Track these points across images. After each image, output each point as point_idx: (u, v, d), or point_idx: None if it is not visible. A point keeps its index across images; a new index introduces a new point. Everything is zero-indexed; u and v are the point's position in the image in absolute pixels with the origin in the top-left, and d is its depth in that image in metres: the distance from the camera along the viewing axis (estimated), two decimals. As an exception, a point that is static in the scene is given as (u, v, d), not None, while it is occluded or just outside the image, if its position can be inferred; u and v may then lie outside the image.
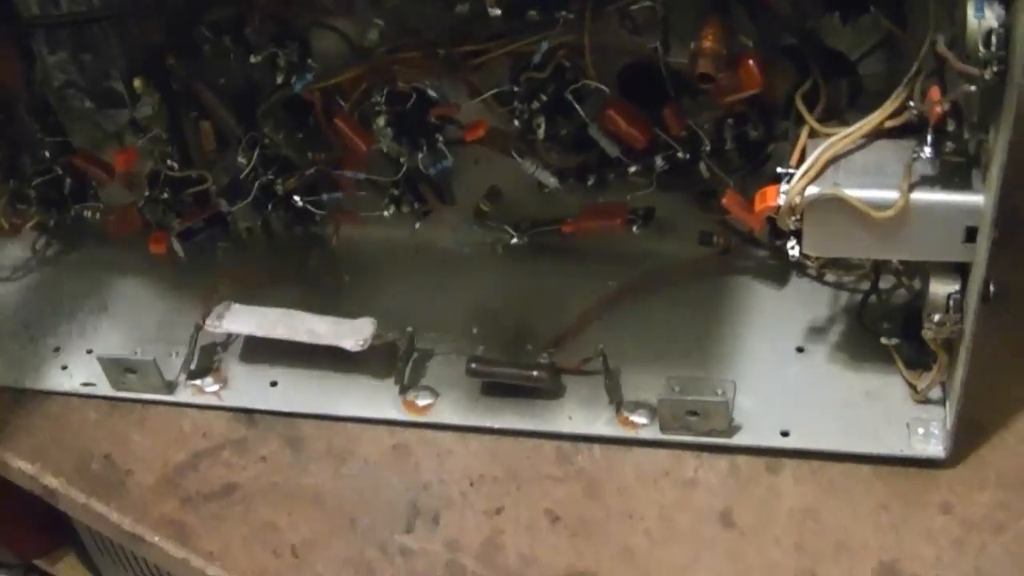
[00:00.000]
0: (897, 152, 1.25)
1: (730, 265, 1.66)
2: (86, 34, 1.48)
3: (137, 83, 1.52)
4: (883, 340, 1.46)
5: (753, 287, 1.64)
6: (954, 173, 1.23)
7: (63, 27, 1.47)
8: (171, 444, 1.57)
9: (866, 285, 1.57)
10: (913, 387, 1.45)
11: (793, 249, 1.43)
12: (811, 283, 1.63)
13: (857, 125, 1.27)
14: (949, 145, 1.21)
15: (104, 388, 1.64)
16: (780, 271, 1.64)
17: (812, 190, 1.24)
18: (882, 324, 1.48)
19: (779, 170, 1.29)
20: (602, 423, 1.49)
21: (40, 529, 2.16)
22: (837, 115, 1.34)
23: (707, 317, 1.60)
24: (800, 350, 1.54)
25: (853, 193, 1.23)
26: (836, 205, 1.24)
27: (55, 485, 1.55)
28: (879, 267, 1.51)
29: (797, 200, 1.25)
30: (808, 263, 1.56)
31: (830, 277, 1.62)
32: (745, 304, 1.62)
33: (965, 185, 1.22)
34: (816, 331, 1.56)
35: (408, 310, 1.62)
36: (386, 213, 1.67)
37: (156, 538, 1.47)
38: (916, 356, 1.45)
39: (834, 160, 1.26)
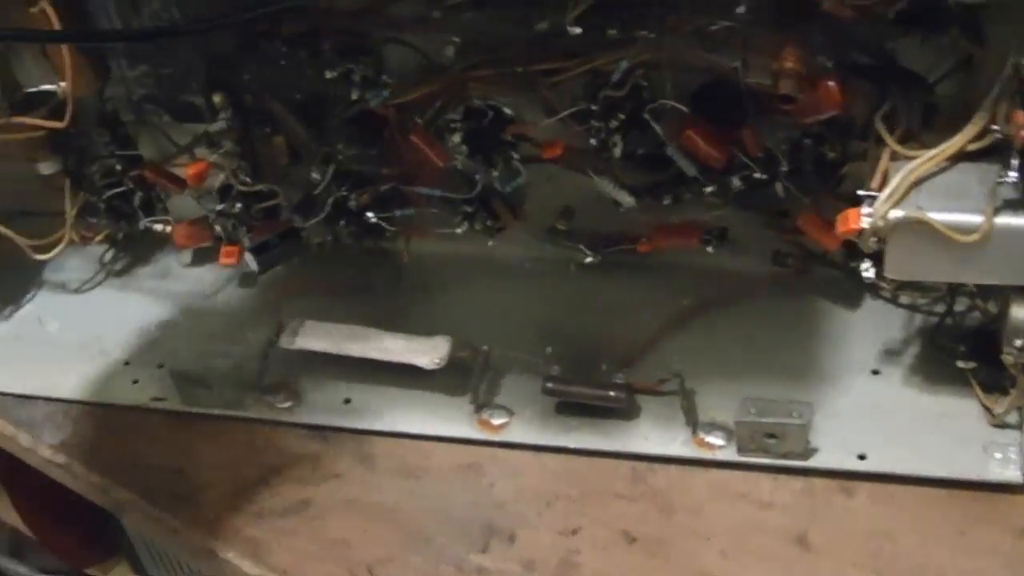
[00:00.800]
0: (980, 175, 1.28)
1: (804, 285, 1.68)
2: (166, 48, 1.51)
3: (217, 98, 1.56)
4: (959, 363, 1.48)
5: (827, 308, 1.66)
6: (1038, 197, 1.25)
7: (144, 40, 1.51)
8: (243, 459, 1.60)
9: (941, 307, 1.60)
10: (989, 410, 1.46)
11: (868, 271, 1.46)
12: (885, 305, 1.65)
13: (940, 148, 1.29)
14: (1037, 169, 1.23)
15: (175, 402, 1.67)
16: (854, 292, 1.66)
17: (896, 213, 1.27)
18: (958, 347, 1.50)
19: (860, 192, 1.32)
20: (678, 444, 1.51)
21: (92, 538, 2.20)
22: (913, 137, 1.36)
23: (782, 338, 1.63)
24: (875, 372, 1.56)
25: (937, 217, 1.25)
26: (919, 228, 1.26)
27: (126, 499, 1.58)
28: (955, 289, 1.54)
29: (881, 224, 1.27)
30: (883, 284, 1.57)
31: (904, 299, 1.64)
32: (820, 325, 1.64)
33: (1052, 211, 1.25)
34: (891, 353, 1.58)
35: (480, 328, 1.65)
36: (459, 230, 1.71)
37: (230, 554, 1.50)
38: (992, 379, 1.47)
39: (917, 183, 1.29)
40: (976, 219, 1.25)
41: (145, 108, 1.60)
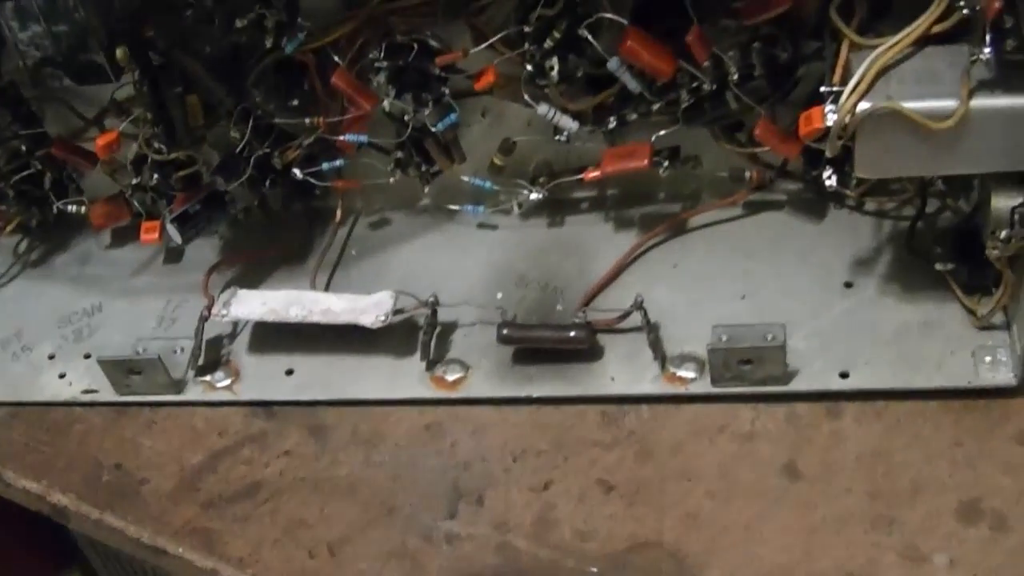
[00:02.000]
0: (950, 58, 1.20)
1: (764, 202, 1.61)
2: (59, 3, 1.40)
3: (119, 53, 1.44)
4: (937, 266, 1.41)
5: (790, 223, 1.59)
6: (1016, 74, 1.16)
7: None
8: (185, 446, 1.52)
9: (909, 211, 1.53)
10: (973, 313, 1.40)
11: (830, 179, 1.40)
12: (851, 214, 1.58)
13: (903, 32, 1.21)
14: (1010, 43, 1.15)
15: (107, 394, 1.58)
16: (817, 204, 1.60)
17: (864, 106, 1.18)
18: (934, 249, 1.43)
19: (823, 89, 1.24)
20: (648, 382, 1.44)
21: (43, 550, 2.11)
22: (870, 28, 1.27)
23: (746, 259, 1.56)
24: (848, 285, 1.49)
25: (909, 105, 1.17)
26: (890, 120, 1.18)
27: (64, 502, 1.50)
28: (925, 189, 1.46)
29: (847, 119, 1.19)
30: (847, 192, 1.51)
31: (870, 206, 1.57)
32: (784, 241, 1.57)
33: (1030, 89, 1.17)
34: (862, 263, 1.51)
35: (425, 281, 1.56)
36: (392, 179, 1.62)
37: (180, 549, 1.42)
38: (973, 280, 1.41)
39: (883, 72, 1.20)
40: (950, 104, 1.17)
41: (43, 74, 1.48)
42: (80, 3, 1.39)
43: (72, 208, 1.73)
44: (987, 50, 1.15)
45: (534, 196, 1.60)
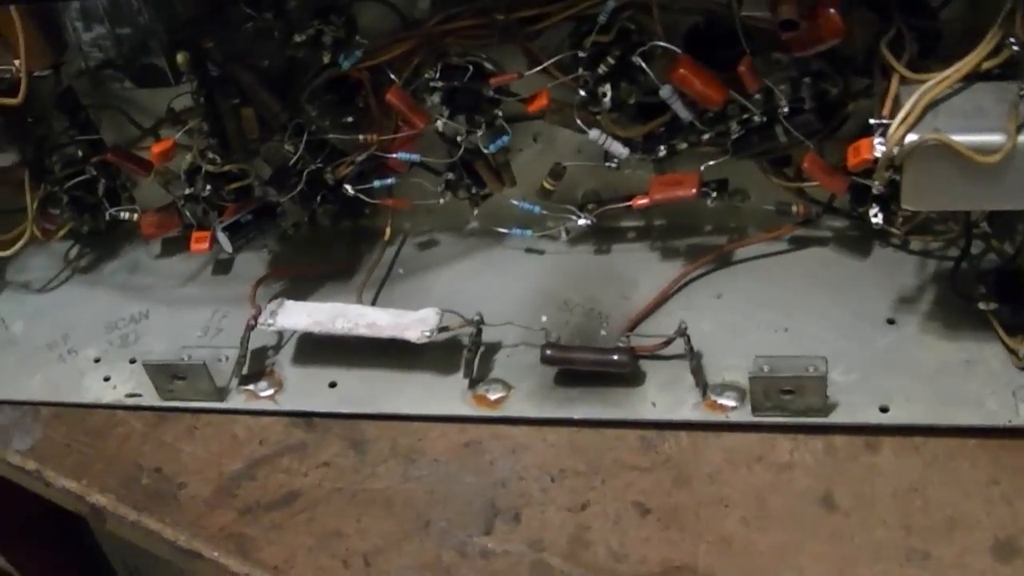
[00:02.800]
0: (998, 94, 1.22)
1: (810, 236, 1.63)
2: (124, 5, 1.43)
3: (180, 58, 1.47)
4: (980, 305, 1.43)
5: (835, 258, 1.61)
6: (1064, 111, 1.19)
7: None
8: (225, 453, 1.54)
9: (953, 251, 1.55)
10: (1014, 353, 1.41)
11: (876, 216, 1.42)
12: (895, 252, 1.60)
13: (953, 68, 1.24)
14: (1059, 80, 1.17)
15: (150, 398, 1.60)
16: (862, 241, 1.61)
17: (911, 137, 1.21)
18: (977, 289, 1.45)
19: (872, 121, 1.26)
20: (688, 408, 1.45)
21: (66, 563, 2.13)
22: (919, 66, 1.30)
23: (790, 291, 1.57)
24: (891, 321, 1.51)
25: (957, 137, 1.19)
26: (938, 153, 1.20)
27: (103, 503, 1.51)
28: (970, 229, 1.48)
29: (896, 150, 1.21)
30: (893, 230, 1.52)
31: (915, 245, 1.59)
32: (829, 276, 1.58)
33: (1078, 124, 1.19)
34: (905, 301, 1.53)
35: (470, 302, 1.57)
36: (442, 200, 1.65)
37: (215, 553, 1.43)
38: (1015, 320, 1.42)
39: (932, 106, 1.23)
40: (998, 138, 1.19)
41: (103, 75, 1.51)
42: (144, 6, 1.41)
43: (124, 215, 1.76)
44: (1033, 86, 1.17)
45: (582, 222, 1.62)
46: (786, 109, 1.45)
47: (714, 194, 1.56)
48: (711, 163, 1.52)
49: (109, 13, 1.41)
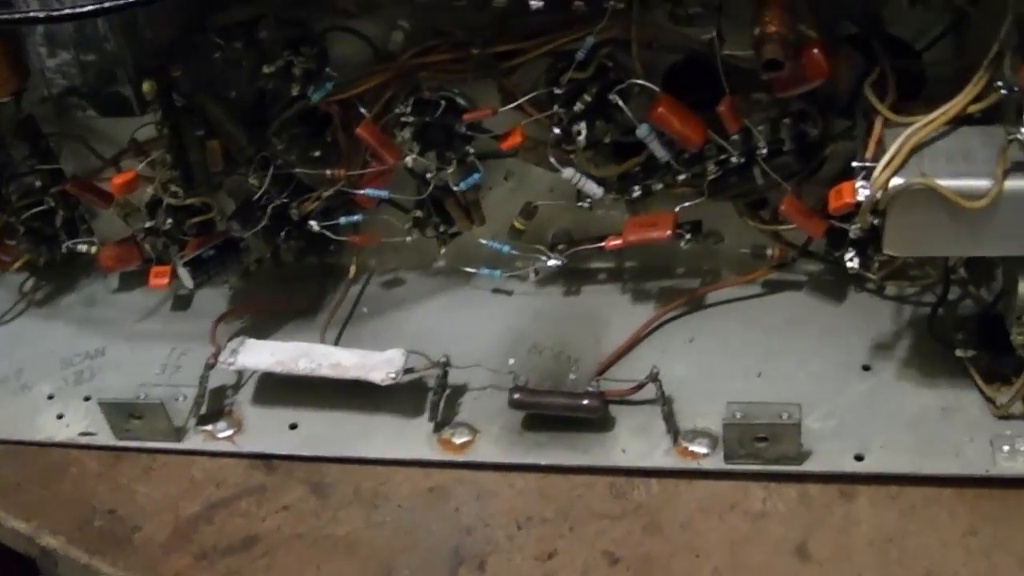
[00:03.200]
0: (984, 138, 1.21)
1: (784, 280, 1.62)
2: (90, 32, 1.40)
3: (146, 87, 1.44)
4: (958, 352, 1.42)
5: (810, 303, 1.60)
6: (1051, 157, 1.17)
7: (65, 22, 1.38)
8: (182, 495, 1.50)
9: (929, 297, 1.55)
10: (992, 401, 1.40)
11: (852, 261, 1.40)
12: (871, 297, 1.59)
13: (939, 111, 1.22)
14: (1047, 124, 1.15)
15: (105, 437, 1.56)
16: (837, 285, 1.60)
17: (896, 181, 1.19)
18: (955, 335, 1.44)
19: (855, 163, 1.25)
20: (659, 454, 1.43)
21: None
22: (902, 109, 1.28)
23: (763, 337, 1.56)
24: (866, 368, 1.49)
25: (943, 182, 1.17)
26: (922, 198, 1.19)
27: (54, 545, 1.47)
28: (948, 275, 1.47)
29: (879, 194, 1.20)
30: (868, 275, 1.49)
31: (891, 290, 1.58)
32: (803, 321, 1.57)
33: (1065, 170, 1.17)
34: (881, 347, 1.51)
35: (436, 343, 1.55)
36: (409, 238, 1.62)
37: (170, 598, 1.40)
38: (993, 368, 1.41)
39: (917, 149, 1.21)
40: (984, 183, 1.18)
41: (67, 103, 1.47)
42: (111, 33, 1.38)
43: (82, 248, 1.72)
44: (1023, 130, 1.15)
45: (552, 263, 1.60)
46: (765, 150, 1.43)
47: (688, 236, 1.54)
48: (686, 204, 1.50)
49: (75, 39, 1.37)
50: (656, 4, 1.36)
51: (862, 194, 1.21)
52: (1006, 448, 1.36)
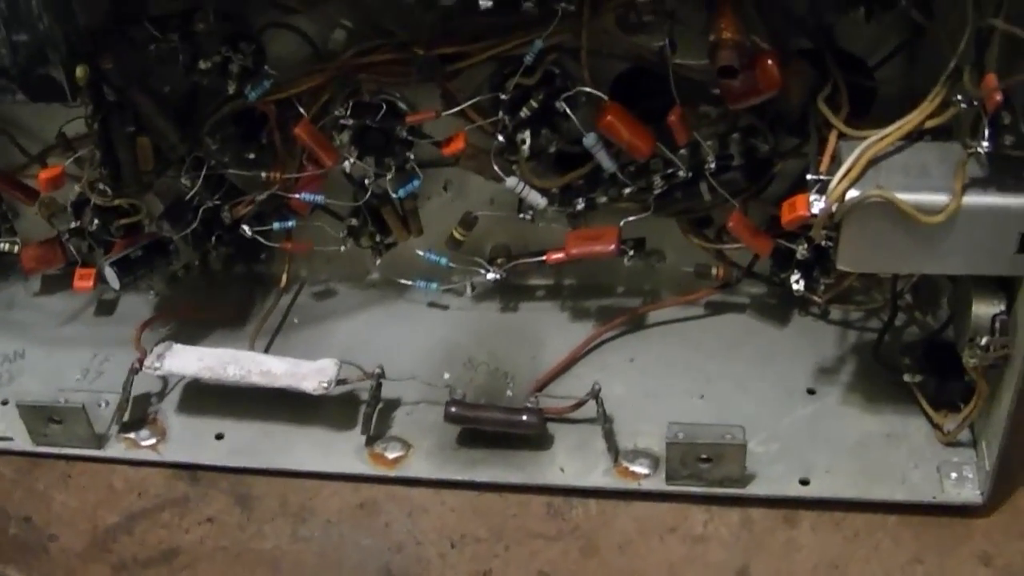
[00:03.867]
0: (941, 153, 1.19)
1: (727, 302, 1.60)
2: (22, 10, 1.35)
3: (79, 71, 1.37)
4: (905, 377, 1.41)
5: (753, 325, 1.58)
6: (1008, 173, 1.15)
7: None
8: (101, 504, 1.46)
9: (874, 322, 1.54)
10: (939, 428, 1.39)
11: (798, 283, 1.39)
12: (815, 321, 1.58)
13: (896, 124, 1.20)
14: (1008, 139, 1.13)
15: (22, 442, 1.52)
16: (781, 308, 1.59)
17: (853, 193, 1.16)
18: (902, 360, 1.42)
19: (809, 177, 1.22)
20: (599, 474, 1.41)
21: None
22: (855, 123, 1.27)
23: (705, 358, 1.54)
24: (811, 392, 1.48)
25: (902, 196, 1.15)
26: (879, 211, 1.16)
27: (-35, 553, 1.42)
28: (896, 299, 1.45)
29: (835, 207, 1.17)
30: (814, 298, 1.48)
31: (835, 314, 1.57)
32: (747, 343, 1.56)
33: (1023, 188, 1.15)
34: (825, 371, 1.50)
35: (369, 355, 1.51)
36: (343, 248, 1.58)
37: (86, 611, 1.35)
38: (940, 394, 1.40)
39: (873, 163, 1.19)
40: (942, 198, 1.15)
41: (-6, 87, 1.42)
42: (43, 12, 1.33)
43: (4, 247, 1.68)
44: (985, 144, 1.13)
45: (491, 276, 1.56)
46: (713, 165, 1.41)
47: (631, 252, 1.51)
48: (631, 218, 1.47)
49: (4, 16, 1.32)
50: (607, 9, 1.33)
51: (817, 207, 1.18)
52: (953, 475, 1.35)
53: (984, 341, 1.24)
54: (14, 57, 1.33)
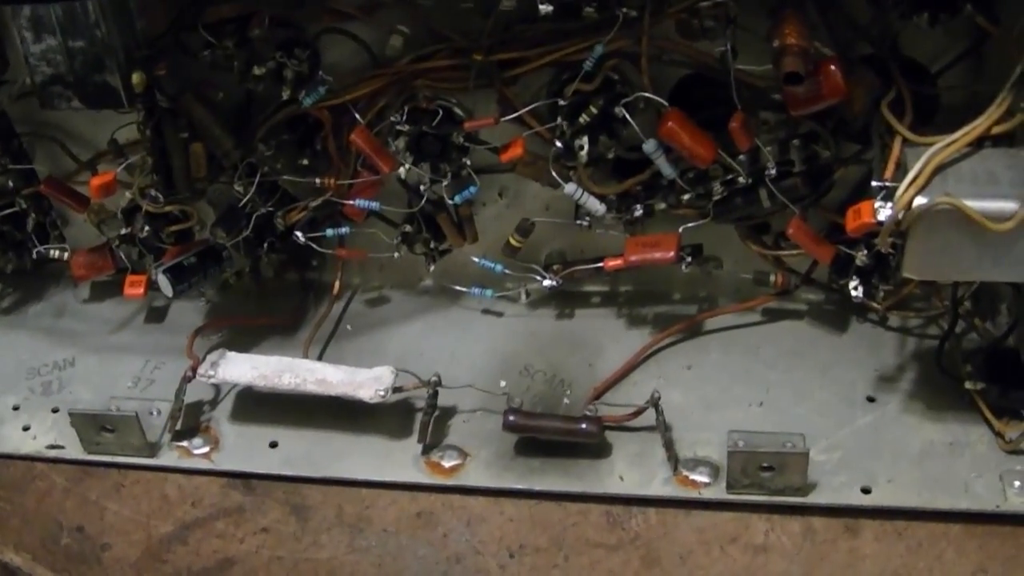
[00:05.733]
0: (1008, 160, 1.21)
1: (784, 309, 1.61)
2: (80, 17, 1.36)
3: (136, 78, 1.40)
4: (967, 384, 1.41)
5: (812, 332, 1.59)
6: (1079, 180, 1.16)
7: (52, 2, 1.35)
8: (154, 514, 1.47)
9: (933, 329, 1.55)
10: (1001, 436, 1.40)
11: (857, 290, 1.40)
12: (874, 328, 1.58)
13: (962, 131, 1.21)
14: (1073, 147, 1.15)
15: (74, 451, 1.53)
16: (839, 316, 1.60)
17: (920, 201, 1.18)
18: (964, 368, 1.43)
19: (874, 183, 1.23)
20: (658, 483, 1.41)
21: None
22: (920, 130, 1.27)
23: (764, 366, 1.55)
24: (871, 400, 1.48)
25: (970, 203, 1.16)
26: (946, 219, 1.18)
27: (18, 562, 1.44)
28: (957, 307, 1.46)
29: (902, 214, 1.18)
30: (873, 305, 1.49)
31: (894, 321, 1.58)
32: (805, 351, 1.56)
33: (1091, 194, 1.17)
34: (885, 379, 1.51)
35: (423, 363, 1.53)
36: (397, 254, 1.60)
37: (140, 622, 1.37)
38: (1002, 402, 1.41)
39: (940, 170, 1.20)
40: (1012, 205, 1.17)
41: (50, 93, 1.42)
42: (102, 19, 1.34)
43: (54, 254, 1.69)
44: (1052, 150, 1.15)
45: (547, 283, 1.57)
46: (773, 171, 1.42)
47: (689, 259, 1.52)
48: (690, 225, 1.48)
49: (62, 24, 1.33)
50: (668, 15, 1.35)
51: (883, 214, 1.20)
52: (1016, 484, 1.35)
53: (1049, 349, 1.26)
54: (71, 64, 1.35)
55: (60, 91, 1.39)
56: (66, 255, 1.69)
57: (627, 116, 1.40)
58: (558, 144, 1.44)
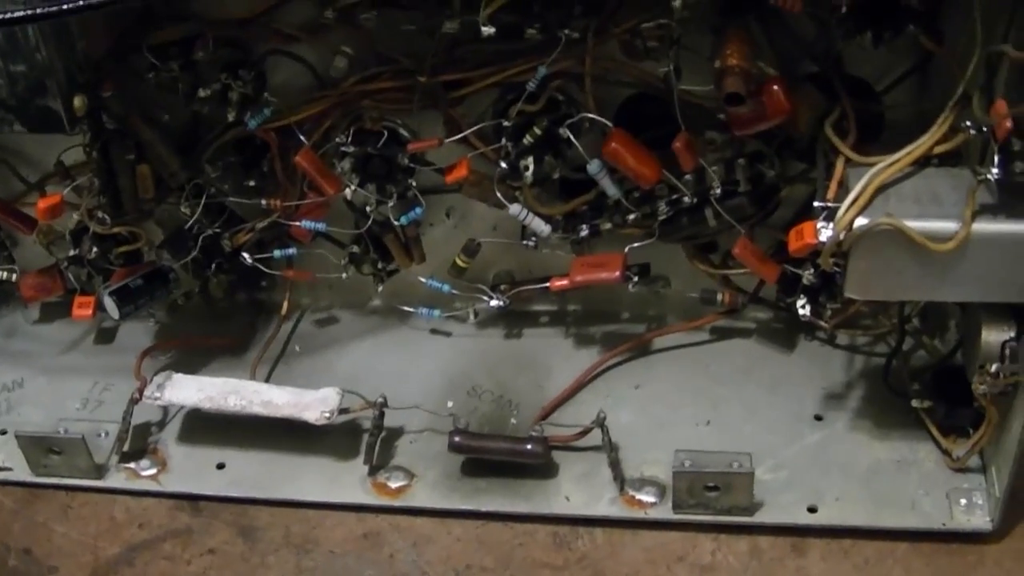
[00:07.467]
0: (950, 180, 1.18)
1: (732, 327, 1.60)
2: (20, 40, 1.34)
3: (78, 102, 1.38)
4: (914, 402, 1.40)
5: (759, 351, 1.57)
6: (1019, 200, 1.14)
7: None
8: (102, 536, 1.44)
9: (881, 347, 1.53)
10: (948, 454, 1.38)
11: (804, 308, 1.37)
12: (822, 346, 1.57)
13: (904, 151, 1.19)
14: (1019, 166, 1.12)
15: (22, 473, 1.50)
16: (787, 333, 1.58)
17: (862, 221, 1.15)
18: (911, 385, 1.42)
19: (816, 204, 1.21)
20: (605, 503, 1.39)
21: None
22: (864, 149, 1.26)
23: (712, 384, 1.53)
24: (818, 418, 1.47)
25: (911, 224, 1.14)
26: (887, 239, 1.15)
27: (-38, 587, 1.41)
28: (904, 325, 1.44)
29: (843, 235, 1.16)
30: (820, 323, 1.44)
31: (842, 339, 1.56)
32: (753, 369, 1.55)
33: (1034, 214, 1.15)
34: (833, 397, 1.49)
35: (371, 384, 1.50)
36: (345, 275, 1.57)
37: (87, 647, 1.34)
38: (949, 420, 1.39)
39: (882, 190, 1.18)
40: (952, 225, 1.14)
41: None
42: (42, 43, 1.32)
43: (3, 275, 1.65)
44: (995, 171, 1.12)
45: (494, 303, 1.55)
46: (719, 191, 1.39)
47: (636, 279, 1.49)
48: (636, 245, 1.46)
49: (3, 47, 1.31)
50: (612, 36, 1.33)
51: (824, 235, 1.18)
52: (963, 501, 1.35)
53: (994, 368, 1.23)
54: (12, 88, 1.32)
55: (2, 115, 1.37)
56: (15, 276, 1.64)
57: (571, 137, 1.37)
58: (503, 164, 1.42)
